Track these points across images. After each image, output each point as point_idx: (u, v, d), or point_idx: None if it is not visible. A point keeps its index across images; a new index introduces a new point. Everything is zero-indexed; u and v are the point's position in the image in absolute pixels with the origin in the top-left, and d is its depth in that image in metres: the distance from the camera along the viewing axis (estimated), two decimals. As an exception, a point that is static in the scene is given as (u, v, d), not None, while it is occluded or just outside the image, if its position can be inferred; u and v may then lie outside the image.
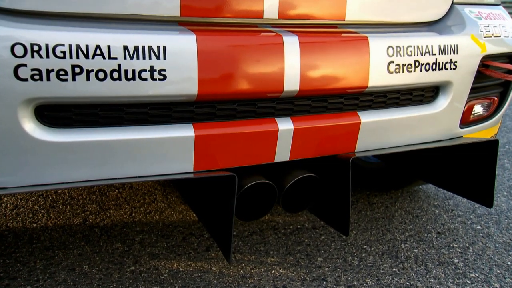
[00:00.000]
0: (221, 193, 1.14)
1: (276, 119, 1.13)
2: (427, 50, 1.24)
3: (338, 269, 1.51)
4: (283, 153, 1.16)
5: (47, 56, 0.87)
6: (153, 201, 1.97)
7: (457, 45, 1.29)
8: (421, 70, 1.25)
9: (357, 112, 1.23)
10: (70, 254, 1.54)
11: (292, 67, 1.07)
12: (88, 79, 0.91)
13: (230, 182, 1.06)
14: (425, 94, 1.33)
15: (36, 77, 0.88)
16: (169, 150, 1.02)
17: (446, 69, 1.29)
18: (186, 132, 1.03)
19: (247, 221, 1.26)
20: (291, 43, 1.07)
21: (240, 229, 1.75)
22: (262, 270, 1.49)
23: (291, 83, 1.08)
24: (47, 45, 0.87)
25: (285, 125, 1.13)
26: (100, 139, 0.96)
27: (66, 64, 0.89)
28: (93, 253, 1.55)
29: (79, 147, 0.95)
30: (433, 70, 1.27)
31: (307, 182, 1.28)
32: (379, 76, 1.19)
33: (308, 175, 1.23)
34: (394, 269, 1.51)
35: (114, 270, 1.46)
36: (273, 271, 1.49)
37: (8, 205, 1.89)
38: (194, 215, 1.84)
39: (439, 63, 1.27)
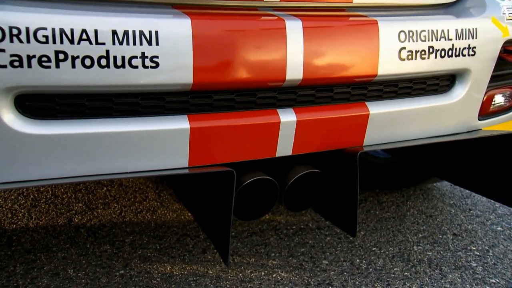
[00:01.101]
0: (218, 191, 1.15)
1: (277, 110, 1.14)
2: (442, 35, 1.25)
3: (345, 273, 1.53)
4: (285, 147, 1.16)
5: (28, 41, 0.88)
6: (145, 199, 1.98)
7: (476, 29, 1.30)
8: (436, 57, 1.25)
9: (366, 102, 1.23)
10: (53, 257, 1.55)
11: (295, 54, 1.08)
12: (73, 66, 0.91)
13: (228, 178, 1.07)
14: (440, 83, 1.34)
15: (16, 63, 0.88)
16: (162, 143, 1.03)
17: (464, 55, 1.29)
18: (180, 124, 1.03)
19: (246, 220, 1.27)
20: (294, 28, 1.07)
21: (239, 230, 1.76)
22: (263, 273, 1.51)
23: (294, 72, 1.09)
24: (27, 29, 0.88)
25: (288, 117, 1.14)
26: (86, 132, 0.97)
27: (49, 49, 0.89)
28: (79, 256, 1.56)
29: (63, 140, 0.96)
30: (449, 56, 1.27)
31: (311, 179, 1.29)
32: (390, 64, 1.19)
33: (312, 170, 1.24)
34: (406, 273, 1.53)
35: (102, 274, 1.47)
36: (274, 275, 1.50)
37: (-13, 204, 1.90)
38: (189, 214, 1.85)
39: (456, 49, 1.27)
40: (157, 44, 0.96)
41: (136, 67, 0.95)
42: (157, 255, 1.59)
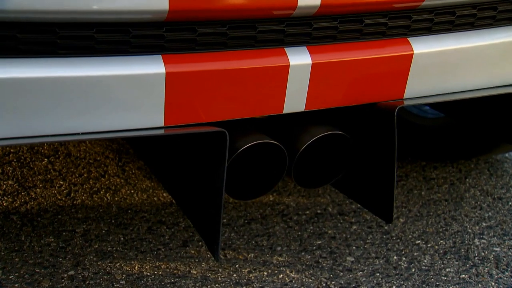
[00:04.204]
0: (205, 160, 1.17)
1: (285, 49, 1.16)
2: None
3: (378, 274, 1.57)
4: (296, 100, 1.19)
5: None
6: (103, 175, 2.00)
7: None
8: (513, -33, 1.26)
9: (408, 38, 1.25)
10: (-25, 253, 1.59)
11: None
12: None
13: (218, 142, 1.10)
14: (517, 9, 1.34)
15: None
16: (127, 94, 1.05)
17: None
18: (152, 67, 1.05)
19: (243, 200, 1.29)
20: None
21: (233, 215, 1.79)
22: (265, 274, 1.55)
23: (309, -5, 1.10)
24: None
25: (299, 59, 1.16)
26: (19, 76, 0.98)
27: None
28: (10, 253, 1.59)
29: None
30: (533, -35, 1.27)
31: (330, 144, 1.32)
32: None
33: (333, 132, 1.26)
34: (463, 275, 1.57)
35: (44, 276, 1.51)
36: (281, 276, 1.55)
37: None
38: (166, 194, 1.88)
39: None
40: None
41: (89, -15, 0.97)
42: (120, 250, 1.62)
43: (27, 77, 0.99)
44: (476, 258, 1.64)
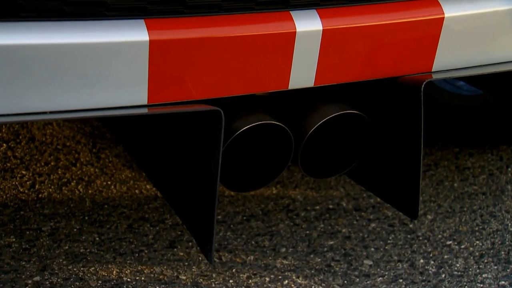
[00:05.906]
0: (197, 144, 1.19)
1: (291, 13, 1.16)
2: None
3: (400, 280, 1.59)
4: (303, 74, 1.20)
5: None
6: (74, 163, 2.01)
7: None
8: None
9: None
10: None
11: None
12: None
13: (212, 124, 1.11)
14: None
15: None
16: (103, 66, 1.06)
17: None
18: (133, 34, 1.06)
19: (241, 192, 1.30)
20: None
21: (230, 211, 1.80)
22: (267, 279, 1.57)
23: None
24: None
25: (308, 24, 1.16)
26: None
27: None
28: (-34, 254, 1.61)
29: None
30: None
31: (345, 126, 1.33)
32: None
33: (348, 112, 1.27)
34: (503, 282, 1.58)
35: (4, 283, 1.52)
36: (285, 282, 1.56)
37: None
38: (149, 186, 1.89)
39: None
40: None
41: None
42: (95, 252, 1.64)
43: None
44: (519, 262, 1.67)
